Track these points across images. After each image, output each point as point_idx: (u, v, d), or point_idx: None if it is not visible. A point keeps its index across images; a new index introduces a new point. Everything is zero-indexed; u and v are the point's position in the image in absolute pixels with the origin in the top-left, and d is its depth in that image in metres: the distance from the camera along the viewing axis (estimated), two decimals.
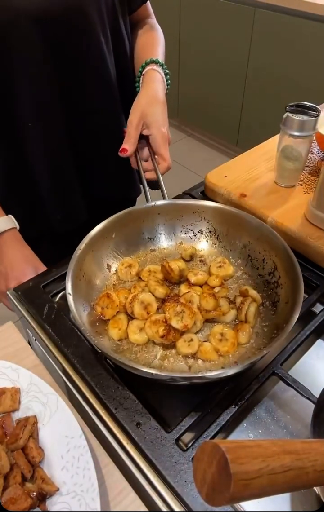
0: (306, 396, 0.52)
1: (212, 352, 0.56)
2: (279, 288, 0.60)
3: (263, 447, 0.27)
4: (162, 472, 0.47)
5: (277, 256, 0.61)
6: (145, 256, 0.71)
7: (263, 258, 0.64)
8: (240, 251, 0.68)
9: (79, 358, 0.57)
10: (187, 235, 0.72)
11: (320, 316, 0.61)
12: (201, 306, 0.59)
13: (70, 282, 0.56)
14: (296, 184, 0.81)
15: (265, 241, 0.64)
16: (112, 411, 0.52)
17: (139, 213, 0.69)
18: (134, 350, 0.58)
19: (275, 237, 0.62)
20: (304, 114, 0.70)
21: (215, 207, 0.69)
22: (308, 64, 1.89)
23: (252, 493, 0.26)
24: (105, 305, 0.59)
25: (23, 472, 0.46)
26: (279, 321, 0.56)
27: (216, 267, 0.65)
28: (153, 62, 0.81)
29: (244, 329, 0.57)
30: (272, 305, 0.61)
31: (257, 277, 0.65)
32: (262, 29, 1.98)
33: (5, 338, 0.63)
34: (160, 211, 0.69)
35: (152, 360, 0.56)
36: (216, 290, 0.62)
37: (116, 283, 0.66)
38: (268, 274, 0.63)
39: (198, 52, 2.38)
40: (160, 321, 0.56)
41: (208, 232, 0.71)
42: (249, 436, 0.52)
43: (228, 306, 0.60)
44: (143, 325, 0.57)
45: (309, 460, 0.28)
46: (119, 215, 0.66)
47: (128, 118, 0.74)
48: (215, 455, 0.26)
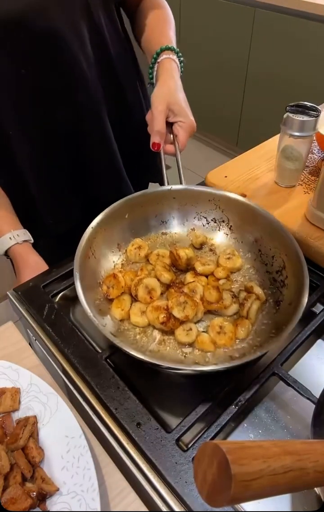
0: (306, 397, 0.52)
1: (209, 343, 0.56)
2: (284, 288, 0.61)
3: (264, 448, 0.27)
4: (162, 472, 0.47)
5: (287, 255, 0.61)
6: (156, 239, 0.71)
7: (272, 255, 0.64)
8: (251, 244, 0.68)
9: (79, 358, 0.57)
10: (200, 222, 0.72)
11: (320, 316, 0.61)
12: (204, 297, 0.60)
13: (79, 261, 0.57)
14: (296, 184, 0.81)
15: (276, 238, 0.63)
16: (112, 411, 0.52)
17: (154, 195, 0.68)
18: (134, 331, 0.59)
19: (287, 235, 0.62)
20: (304, 114, 0.70)
21: (231, 198, 0.68)
22: (308, 64, 1.88)
23: (252, 494, 0.26)
24: (111, 285, 0.60)
25: (23, 472, 0.46)
26: (280, 320, 0.56)
27: (224, 258, 0.66)
28: (169, 49, 0.77)
29: (244, 325, 0.58)
30: (275, 304, 0.61)
31: (264, 274, 0.65)
32: (262, 29, 1.98)
33: (5, 338, 0.63)
34: (176, 195, 0.69)
35: (150, 344, 0.57)
36: (221, 282, 0.62)
37: (125, 263, 0.67)
38: (275, 272, 0.63)
39: (197, 52, 2.38)
40: (162, 308, 0.57)
41: (221, 221, 0.71)
42: (249, 436, 0.52)
43: (230, 300, 0.60)
44: (146, 309, 0.59)
45: (310, 461, 0.28)
46: (134, 196, 0.66)
47: (153, 107, 0.71)
48: (216, 456, 0.26)
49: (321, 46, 1.80)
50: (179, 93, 0.73)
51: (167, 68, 0.76)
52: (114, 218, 0.65)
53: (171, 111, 0.72)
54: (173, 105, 0.71)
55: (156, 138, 0.70)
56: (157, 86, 0.74)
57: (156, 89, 0.73)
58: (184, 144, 0.72)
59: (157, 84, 0.74)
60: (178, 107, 0.71)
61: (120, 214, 0.66)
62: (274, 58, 2.00)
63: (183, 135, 0.72)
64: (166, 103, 0.71)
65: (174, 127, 0.73)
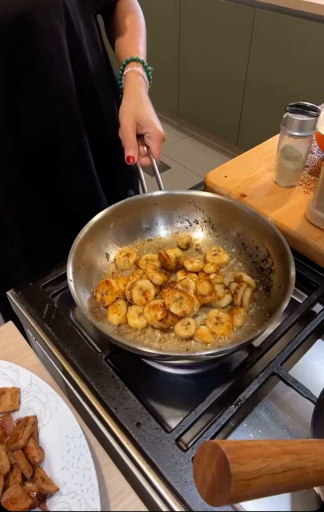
0: (306, 396, 0.52)
1: (208, 334, 0.57)
2: (272, 274, 0.62)
3: (263, 447, 0.27)
4: (162, 472, 0.47)
5: (270, 243, 0.63)
6: (143, 245, 0.72)
7: (256, 246, 0.66)
8: (234, 239, 0.69)
9: (79, 358, 0.57)
10: (183, 225, 0.73)
11: (320, 316, 0.61)
12: (197, 291, 0.60)
13: (71, 269, 0.57)
14: (296, 184, 0.81)
15: (257, 229, 0.65)
16: (112, 411, 0.52)
17: (136, 203, 0.70)
18: (133, 334, 0.59)
19: (267, 225, 0.63)
20: (304, 114, 0.70)
21: (209, 197, 0.70)
22: (308, 64, 1.88)
23: (252, 493, 0.26)
24: (104, 292, 0.61)
25: (23, 472, 0.46)
26: (273, 305, 0.57)
27: (211, 255, 0.67)
28: (134, 61, 0.78)
29: (239, 313, 0.59)
30: (266, 290, 0.62)
31: (250, 264, 0.67)
32: (262, 29, 1.98)
33: (5, 338, 0.63)
34: (157, 201, 0.71)
35: (151, 343, 0.57)
36: (212, 277, 0.63)
37: (115, 272, 0.67)
38: (261, 261, 0.65)
39: (197, 52, 2.38)
40: (159, 305, 0.58)
41: (203, 221, 0.72)
42: (249, 436, 0.52)
43: (223, 291, 0.61)
44: (142, 310, 0.59)
45: (309, 460, 0.28)
46: (117, 206, 0.67)
47: (121, 122, 0.72)
48: (215, 455, 0.26)
49: (321, 46, 1.80)
50: (145, 107, 0.74)
51: (133, 82, 0.77)
52: (100, 228, 0.66)
53: (138, 125, 0.73)
54: (140, 118, 0.73)
55: (130, 152, 0.71)
56: (123, 100, 0.75)
57: (123, 104, 0.74)
58: (157, 153, 0.74)
59: (123, 99, 0.75)
60: (145, 119, 0.73)
61: (105, 224, 0.66)
62: (274, 58, 2.01)
63: (153, 145, 0.73)
64: (132, 117, 0.72)
65: (144, 139, 0.75)
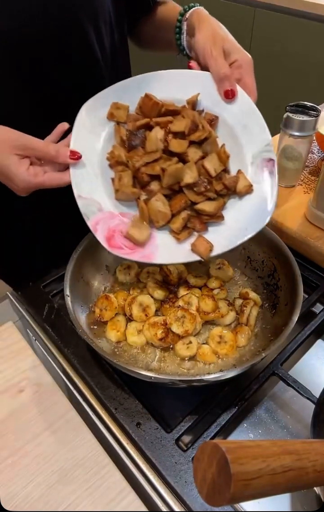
0: (306, 396, 0.52)
1: (211, 354, 0.55)
2: (278, 290, 0.60)
3: (263, 447, 0.27)
4: (162, 472, 0.47)
5: (277, 258, 0.61)
6: None
7: (262, 260, 0.64)
8: (239, 252, 0.68)
9: (79, 358, 0.57)
10: None
11: (320, 316, 0.61)
12: (200, 308, 0.59)
13: (69, 283, 0.56)
14: (296, 184, 0.81)
15: (264, 243, 0.63)
16: (112, 411, 0.52)
17: None
18: (132, 352, 0.57)
19: (275, 238, 0.61)
20: (304, 114, 0.70)
21: None
22: (308, 64, 1.88)
23: (252, 493, 0.26)
24: (103, 307, 0.59)
25: None
26: (278, 322, 0.56)
27: (215, 269, 0.65)
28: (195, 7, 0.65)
29: (243, 332, 0.57)
30: (271, 307, 0.60)
31: (256, 279, 0.65)
32: (262, 29, 1.98)
33: (5, 338, 0.63)
34: None
35: (151, 362, 0.56)
36: (215, 292, 0.61)
37: (115, 285, 0.66)
38: (267, 276, 0.63)
39: None
40: (159, 323, 0.56)
41: None
42: (249, 436, 0.52)
43: (227, 308, 0.59)
44: (142, 327, 0.57)
45: (309, 460, 0.28)
46: None
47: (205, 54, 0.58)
48: (215, 455, 0.26)
49: (321, 46, 1.80)
50: (227, 32, 0.61)
51: (202, 15, 0.64)
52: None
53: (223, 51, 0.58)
54: (224, 42, 0.58)
55: (227, 85, 0.57)
56: (198, 32, 0.61)
57: (199, 34, 0.60)
58: (254, 88, 0.59)
59: (197, 31, 0.61)
60: (229, 44, 0.58)
61: None
62: (274, 58, 2.00)
63: (247, 77, 0.58)
64: (217, 43, 0.58)
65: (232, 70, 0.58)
